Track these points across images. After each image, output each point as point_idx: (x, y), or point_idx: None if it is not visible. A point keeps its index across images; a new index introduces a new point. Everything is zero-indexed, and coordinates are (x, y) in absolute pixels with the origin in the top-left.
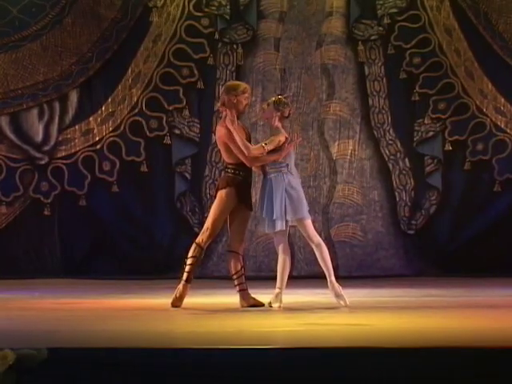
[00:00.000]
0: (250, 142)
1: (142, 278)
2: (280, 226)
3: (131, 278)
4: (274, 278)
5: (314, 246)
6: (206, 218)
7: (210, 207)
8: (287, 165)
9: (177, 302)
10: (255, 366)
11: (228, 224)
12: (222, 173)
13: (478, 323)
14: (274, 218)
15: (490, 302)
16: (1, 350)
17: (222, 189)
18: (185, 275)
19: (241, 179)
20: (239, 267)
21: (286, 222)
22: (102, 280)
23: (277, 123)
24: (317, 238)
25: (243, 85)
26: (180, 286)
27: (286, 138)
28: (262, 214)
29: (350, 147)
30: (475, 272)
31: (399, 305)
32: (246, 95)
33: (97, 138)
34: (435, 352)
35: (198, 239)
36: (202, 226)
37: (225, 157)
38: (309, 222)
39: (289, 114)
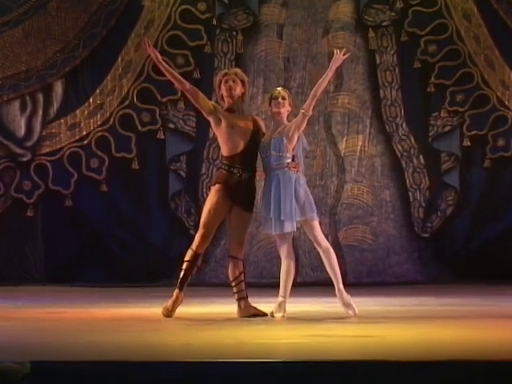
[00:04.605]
0: (258, 133)
1: (133, 286)
2: (290, 227)
3: (121, 285)
4: (277, 286)
5: (321, 251)
6: None
7: None
8: (293, 156)
9: (169, 312)
10: (256, 380)
11: (227, 226)
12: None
13: (497, 335)
14: (283, 218)
15: (510, 311)
16: None
17: (212, 185)
18: (178, 282)
19: (233, 177)
20: (238, 273)
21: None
22: (90, 288)
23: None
24: (325, 242)
25: (223, 71)
26: (173, 294)
27: None
28: (269, 214)
29: (360, 143)
30: (495, 278)
31: (412, 314)
32: (222, 83)
33: (84, 133)
34: (450, 366)
35: (193, 243)
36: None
37: (221, 147)
38: (316, 224)
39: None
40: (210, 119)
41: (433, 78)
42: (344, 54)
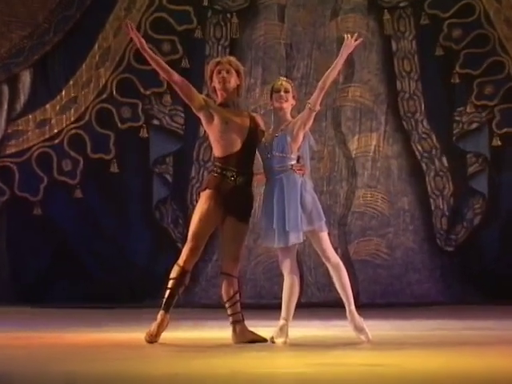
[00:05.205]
0: (256, 131)
1: (112, 307)
2: (295, 238)
3: (99, 306)
4: (278, 307)
5: (330, 266)
6: None
7: None
8: (298, 157)
9: (153, 337)
10: None
11: (220, 239)
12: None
13: None
14: (288, 228)
15: None
16: None
17: (202, 191)
18: (163, 302)
19: (227, 181)
20: (233, 293)
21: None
22: (63, 309)
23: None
24: (334, 256)
25: (215, 59)
26: (157, 317)
27: None
28: (272, 225)
29: (373, 142)
30: None
31: (434, 340)
32: (215, 74)
33: (55, 131)
34: None
35: (180, 258)
36: None
37: (213, 147)
38: (325, 235)
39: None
40: (201, 115)
41: (457, 68)
42: (356, 40)
